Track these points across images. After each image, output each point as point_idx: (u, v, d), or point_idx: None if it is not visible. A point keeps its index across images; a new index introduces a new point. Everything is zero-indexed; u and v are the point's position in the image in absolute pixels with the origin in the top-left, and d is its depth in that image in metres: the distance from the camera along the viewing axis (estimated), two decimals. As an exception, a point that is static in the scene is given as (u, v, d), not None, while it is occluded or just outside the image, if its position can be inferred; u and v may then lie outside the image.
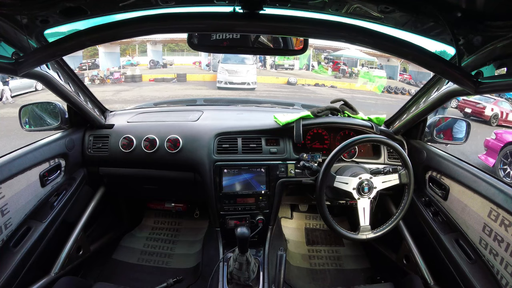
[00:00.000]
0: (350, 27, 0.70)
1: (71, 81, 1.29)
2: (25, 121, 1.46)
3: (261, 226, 1.50)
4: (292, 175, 1.49)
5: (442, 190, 1.29)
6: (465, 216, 1.15)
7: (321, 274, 1.85)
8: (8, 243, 1.12)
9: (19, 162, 1.15)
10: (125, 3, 0.75)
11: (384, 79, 15.60)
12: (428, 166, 1.41)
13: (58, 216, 1.34)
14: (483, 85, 0.81)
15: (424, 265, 1.44)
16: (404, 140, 1.58)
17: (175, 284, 1.54)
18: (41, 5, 0.74)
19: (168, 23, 0.69)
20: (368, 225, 1.26)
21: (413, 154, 1.48)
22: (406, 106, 1.52)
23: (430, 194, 1.39)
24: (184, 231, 2.13)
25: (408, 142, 1.57)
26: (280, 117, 1.53)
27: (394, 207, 1.66)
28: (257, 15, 0.67)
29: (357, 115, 1.57)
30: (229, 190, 1.48)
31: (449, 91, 1.16)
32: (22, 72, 0.82)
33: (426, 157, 1.41)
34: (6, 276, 1.06)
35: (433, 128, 1.55)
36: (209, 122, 1.62)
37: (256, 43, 0.85)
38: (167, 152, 1.51)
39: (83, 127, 1.57)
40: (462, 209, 1.16)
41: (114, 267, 1.77)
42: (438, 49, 0.90)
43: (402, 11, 0.74)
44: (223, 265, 1.36)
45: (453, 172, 1.22)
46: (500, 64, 0.81)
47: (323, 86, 15.23)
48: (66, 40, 0.73)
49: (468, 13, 0.71)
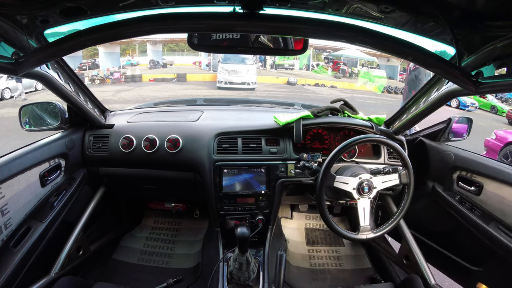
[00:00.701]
0: (350, 27, 0.70)
1: (71, 81, 1.29)
2: (25, 121, 1.46)
3: (261, 226, 1.50)
4: (292, 175, 1.49)
5: (476, 187, 1.37)
6: (504, 207, 1.26)
7: (321, 274, 1.85)
8: (8, 243, 1.12)
9: (19, 162, 1.15)
10: (125, 3, 0.75)
11: (384, 79, 15.60)
12: (457, 167, 1.45)
13: (58, 216, 1.34)
14: (483, 85, 0.81)
15: (424, 265, 1.44)
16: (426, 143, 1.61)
17: (175, 284, 1.54)
18: (41, 5, 0.73)
19: (168, 23, 0.69)
20: (368, 225, 1.26)
21: (441, 157, 1.52)
22: (406, 106, 1.52)
23: (460, 192, 1.44)
24: (184, 231, 2.13)
25: (431, 146, 1.59)
26: (280, 117, 1.53)
27: (394, 207, 1.66)
28: (257, 15, 0.67)
29: (357, 115, 1.57)
30: (229, 190, 1.48)
31: (449, 91, 1.16)
32: (22, 72, 0.82)
33: (454, 159, 1.46)
34: (6, 276, 1.06)
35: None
36: (209, 122, 1.62)
37: (256, 43, 0.85)
38: (167, 152, 1.51)
39: (83, 127, 1.57)
40: (500, 201, 1.27)
41: (114, 267, 1.77)
42: (438, 49, 0.89)
43: (402, 11, 0.74)
44: (223, 265, 1.36)
45: (487, 170, 1.31)
46: (500, 64, 0.81)
47: (323, 86, 15.24)
48: (66, 40, 0.73)
49: (468, 13, 0.71)
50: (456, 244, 1.51)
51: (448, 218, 1.47)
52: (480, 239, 1.31)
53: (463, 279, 1.49)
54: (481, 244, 1.32)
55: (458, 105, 11.23)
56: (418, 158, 1.60)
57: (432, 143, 1.59)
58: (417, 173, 1.51)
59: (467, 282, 1.46)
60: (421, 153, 1.61)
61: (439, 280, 1.43)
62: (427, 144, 1.59)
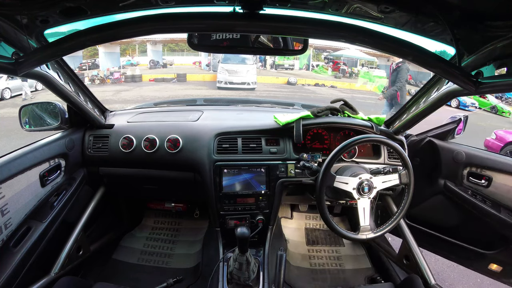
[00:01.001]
0: (350, 27, 0.69)
1: (71, 81, 1.29)
2: (25, 121, 1.46)
3: (261, 226, 1.50)
4: (292, 175, 1.49)
5: (485, 180, 1.50)
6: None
7: (321, 274, 1.85)
8: (8, 243, 1.12)
9: (19, 162, 1.15)
10: (125, 3, 0.75)
11: (384, 79, 15.59)
12: (468, 163, 1.55)
13: (58, 216, 1.34)
14: (483, 85, 0.81)
15: (424, 265, 1.44)
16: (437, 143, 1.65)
17: (175, 284, 1.54)
18: (41, 5, 0.73)
19: (168, 23, 0.69)
20: (368, 225, 1.26)
21: (452, 156, 1.59)
22: (406, 106, 1.52)
23: (470, 186, 1.56)
24: (184, 231, 2.13)
25: (442, 146, 1.64)
26: (280, 117, 1.53)
27: (394, 207, 1.66)
28: (257, 15, 0.67)
29: (357, 115, 1.57)
30: (229, 190, 1.48)
31: (449, 91, 1.16)
32: (22, 72, 0.82)
33: (465, 156, 1.54)
34: (6, 276, 1.06)
35: None
36: (209, 122, 1.62)
37: (256, 43, 0.85)
38: (167, 152, 1.51)
39: (83, 127, 1.57)
40: (509, 191, 1.43)
41: (114, 267, 1.77)
42: (438, 49, 0.89)
43: (402, 11, 0.74)
44: (223, 265, 1.36)
45: (495, 164, 1.46)
46: (500, 64, 0.81)
47: (323, 86, 15.24)
48: (66, 40, 0.73)
49: (468, 13, 0.71)
50: (469, 233, 1.61)
51: (460, 211, 1.58)
52: (492, 227, 1.45)
53: (475, 263, 1.61)
54: (493, 230, 1.47)
55: (458, 105, 11.24)
56: (428, 157, 1.65)
57: (442, 143, 1.64)
58: (430, 172, 1.64)
59: (479, 265, 1.59)
60: (431, 152, 1.65)
61: (439, 280, 1.43)
62: (438, 144, 1.63)
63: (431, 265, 1.53)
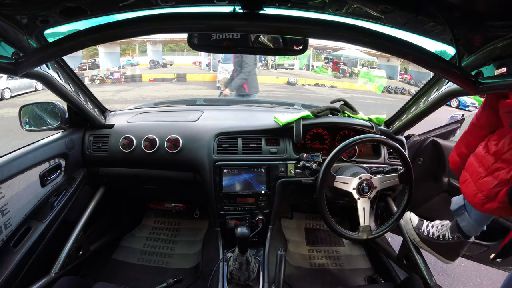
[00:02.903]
0: (350, 27, 0.69)
1: (71, 81, 1.29)
2: (25, 121, 1.46)
3: (261, 226, 1.50)
4: (292, 175, 1.49)
5: None
6: None
7: (321, 274, 1.85)
8: (8, 243, 1.12)
9: (19, 162, 1.15)
10: (125, 3, 0.75)
11: (384, 79, 15.63)
12: None
13: (58, 216, 1.34)
14: (483, 85, 0.81)
15: (424, 265, 1.44)
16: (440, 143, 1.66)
17: (175, 284, 1.54)
18: (41, 5, 0.73)
19: (168, 23, 0.68)
20: (368, 225, 1.26)
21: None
22: (406, 106, 1.53)
23: None
24: (184, 231, 2.13)
25: (446, 145, 1.64)
26: (280, 117, 1.53)
27: (394, 207, 1.66)
28: (257, 15, 0.66)
29: (357, 115, 1.57)
30: (229, 190, 1.48)
31: (449, 91, 1.16)
32: (22, 72, 0.82)
33: None
34: (6, 276, 1.06)
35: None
36: (209, 122, 1.62)
37: (256, 43, 0.85)
38: (167, 152, 1.51)
39: (83, 127, 1.57)
40: None
41: (114, 267, 1.77)
42: (438, 49, 0.89)
43: (402, 11, 0.74)
44: (223, 265, 1.36)
45: None
46: (500, 64, 0.81)
47: (323, 86, 15.25)
48: (66, 40, 0.73)
49: (468, 13, 0.71)
50: None
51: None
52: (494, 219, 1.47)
53: (478, 255, 1.64)
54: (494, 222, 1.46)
55: (458, 105, 11.25)
56: (432, 157, 1.66)
57: (445, 142, 1.65)
58: (434, 171, 1.66)
59: (482, 255, 1.62)
60: (435, 152, 1.66)
61: (439, 280, 1.43)
62: (442, 144, 1.64)
63: (431, 265, 1.53)
